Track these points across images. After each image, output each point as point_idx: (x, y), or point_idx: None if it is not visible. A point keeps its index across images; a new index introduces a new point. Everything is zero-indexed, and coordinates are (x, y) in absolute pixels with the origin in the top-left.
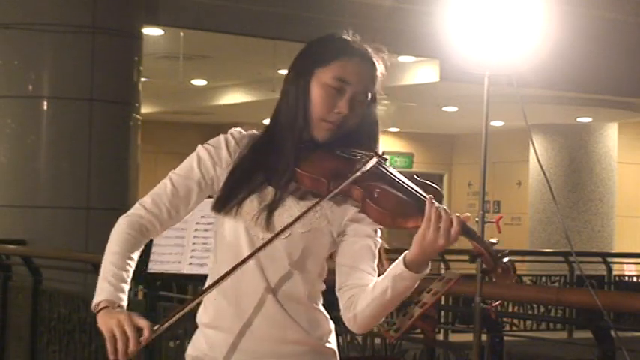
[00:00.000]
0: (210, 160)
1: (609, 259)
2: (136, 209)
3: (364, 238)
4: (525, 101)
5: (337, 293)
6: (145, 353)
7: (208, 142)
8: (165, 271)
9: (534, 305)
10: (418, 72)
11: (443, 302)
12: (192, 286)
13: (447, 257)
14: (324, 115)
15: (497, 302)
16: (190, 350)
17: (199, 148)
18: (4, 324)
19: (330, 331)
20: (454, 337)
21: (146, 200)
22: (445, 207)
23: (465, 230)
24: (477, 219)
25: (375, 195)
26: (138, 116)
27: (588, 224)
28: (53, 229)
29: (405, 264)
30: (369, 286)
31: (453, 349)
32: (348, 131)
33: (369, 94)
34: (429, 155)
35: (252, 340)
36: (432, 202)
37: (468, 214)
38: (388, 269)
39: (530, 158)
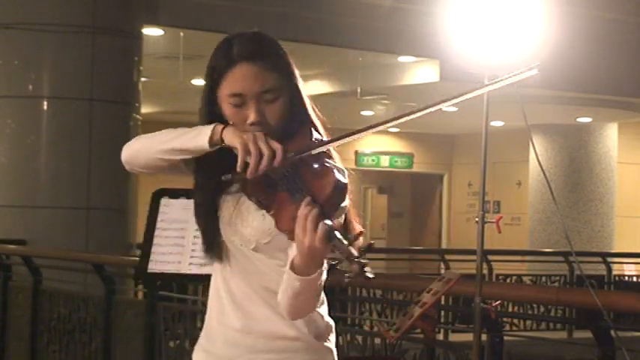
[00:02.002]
0: None
1: (609, 259)
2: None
3: None
4: (525, 101)
5: None
6: (145, 353)
7: None
8: (165, 271)
9: (534, 305)
10: (418, 72)
11: (443, 302)
12: (192, 286)
13: (447, 257)
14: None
15: (497, 302)
16: (196, 348)
17: None
18: (4, 324)
19: (327, 329)
20: (454, 337)
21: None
22: (317, 210)
23: (328, 236)
24: (477, 219)
25: (281, 209)
26: (138, 116)
27: (588, 224)
28: (53, 229)
29: (291, 266)
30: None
31: (453, 349)
32: (281, 125)
33: (274, 87)
34: (429, 155)
35: (248, 336)
36: (308, 204)
37: (340, 221)
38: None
39: (530, 158)
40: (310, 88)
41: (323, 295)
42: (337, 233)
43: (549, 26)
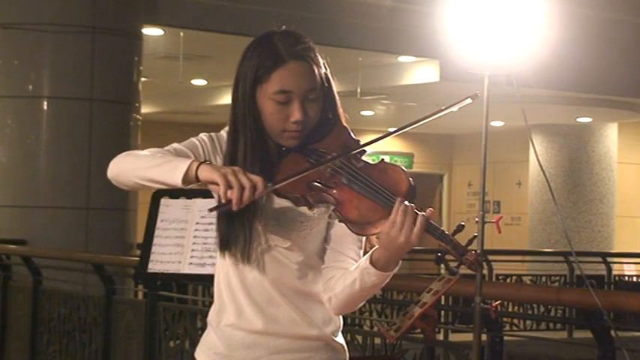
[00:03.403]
0: (212, 145)
1: (609, 259)
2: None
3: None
4: (525, 101)
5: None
6: (145, 353)
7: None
8: (165, 271)
9: (534, 305)
10: (418, 72)
11: (443, 302)
12: (192, 286)
13: (447, 257)
14: (282, 127)
15: (497, 302)
16: (202, 351)
17: (200, 135)
18: (4, 324)
19: (340, 327)
20: (454, 337)
21: (151, 149)
22: (412, 205)
23: (428, 228)
24: (476, 219)
25: (349, 205)
26: (138, 116)
27: (588, 224)
28: (53, 229)
29: (372, 260)
30: (349, 270)
31: (453, 349)
32: (315, 125)
33: (318, 87)
34: (429, 155)
35: (270, 337)
36: (401, 203)
37: (431, 209)
38: (362, 258)
39: (530, 158)
40: None
41: None
42: (436, 224)
43: (549, 26)
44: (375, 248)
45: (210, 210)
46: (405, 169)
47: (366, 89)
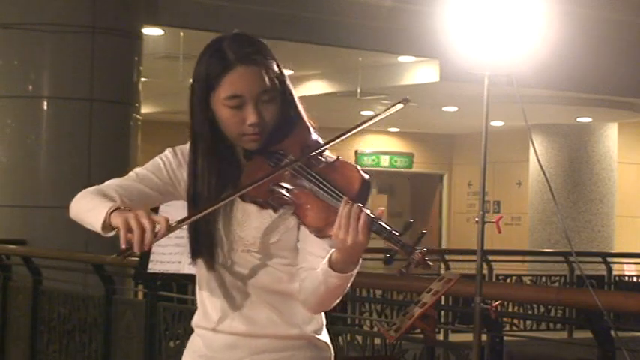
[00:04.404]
0: (176, 161)
1: (609, 259)
2: (101, 185)
3: None
4: (525, 101)
5: None
6: (145, 353)
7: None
8: (165, 271)
9: (534, 305)
10: (418, 72)
11: (443, 302)
12: (191, 286)
13: (447, 257)
14: (240, 131)
15: (497, 302)
16: (187, 354)
17: (165, 151)
18: (4, 324)
19: (323, 325)
20: (454, 337)
21: (113, 181)
22: (359, 205)
23: (374, 228)
24: (476, 219)
25: (306, 208)
26: (138, 116)
27: (588, 224)
28: (53, 229)
29: (330, 263)
30: (315, 271)
31: (453, 349)
32: (276, 124)
33: (270, 88)
34: (429, 155)
35: (252, 338)
36: (346, 204)
37: (382, 209)
38: (325, 260)
39: (530, 158)
40: (310, 88)
41: None
42: (384, 224)
43: (549, 26)
44: (332, 251)
45: (117, 255)
46: (359, 168)
47: (366, 89)
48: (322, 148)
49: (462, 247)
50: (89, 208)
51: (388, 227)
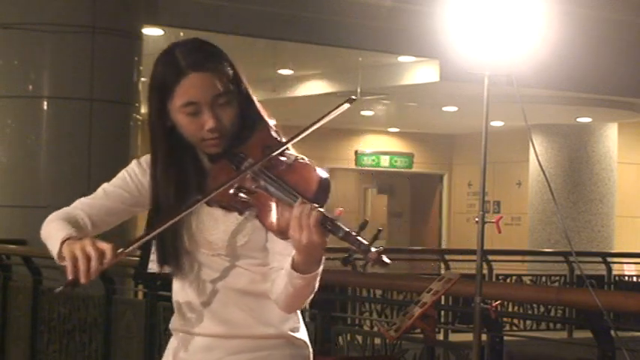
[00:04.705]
0: (141, 171)
1: (609, 259)
2: (69, 207)
3: None
4: (525, 101)
5: None
6: (145, 353)
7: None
8: (165, 271)
9: (534, 305)
10: (418, 72)
11: (443, 302)
12: None
13: (447, 257)
14: (200, 136)
15: (497, 302)
16: (165, 357)
17: (131, 163)
18: (4, 324)
19: (300, 324)
20: (454, 337)
21: (81, 200)
22: (314, 205)
23: (329, 229)
24: (476, 219)
25: (267, 210)
26: (138, 116)
27: (588, 224)
28: None
29: (292, 264)
30: (282, 272)
31: (453, 349)
32: (236, 127)
33: (225, 91)
34: (429, 155)
35: (228, 339)
36: (299, 205)
37: (340, 209)
38: (288, 262)
39: (530, 158)
40: (310, 88)
41: None
42: (339, 224)
43: (549, 26)
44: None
45: (56, 291)
46: (317, 167)
47: (366, 89)
48: (280, 150)
49: (462, 247)
50: (49, 236)
51: (344, 227)
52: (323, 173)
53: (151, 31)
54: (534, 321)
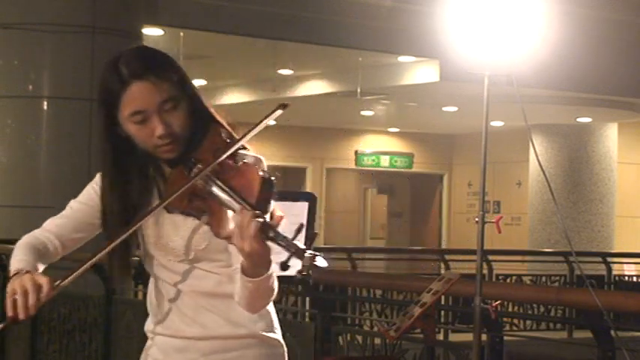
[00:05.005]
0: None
1: (609, 259)
2: (38, 229)
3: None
4: (525, 101)
5: None
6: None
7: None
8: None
9: (534, 305)
10: (418, 72)
11: (443, 302)
12: None
13: (447, 257)
14: (153, 144)
15: (497, 302)
16: (143, 358)
17: (95, 177)
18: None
19: (273, 323)
20: (454, 337)
21: (52, 220)
22: (255, 212)
23: (267, 236)
24: (476, 219)
25: (216, 216)
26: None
27: (588, 224)
28: None
29: (242, 269)
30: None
31: (453, 349)
32: (188, 130)
33: (171, 97)
34: (429, 155)
35: (201, 341)
36: (241, 211)
37: (280, 215)
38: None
39: (530, 158)
40: (310, 88)
41: None
42: (277, 230)
43: (549, 26)
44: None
45: (5, 324)
46: (262, 170)
47: (366, 89)
48: (222, 157)
49: (462, 247)
50: (10, 267)
51: (281, 233)
52: (265, 175)
53: (151, 31)
54: (534, 321)
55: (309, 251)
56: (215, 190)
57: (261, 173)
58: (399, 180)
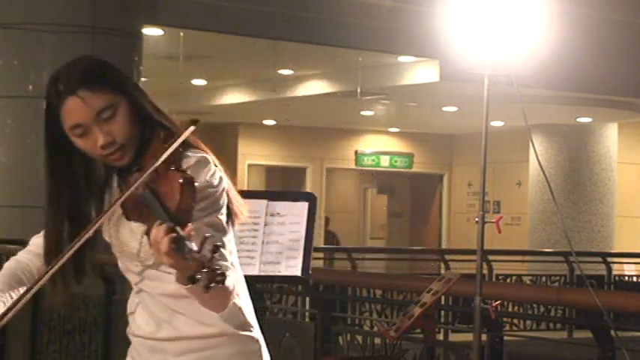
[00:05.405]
0: None
1: (609, 259)
2: (23, 250)
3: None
4: (525, 101)
5: None
6: None
7: None
8: None
9: (534, 305)
10: (418, 72)
11: (443, 302)
12: None
13: (447, 257)
14: (100, 153)
15: (497, 302)
16: (127, 358)
17: None
18: (4, 324)
19: (246, 320)
20: (454, 337)
21: (33, 239)
22: (168, 226)
23: (177, 249)
24: (476, 219)
25: (148, 224)
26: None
27: (588, 224)
28: None
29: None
30: None
31: (453, 349)
32: (132, 135)
33: (107, 105)
34: (429, 155)
35: (173, 342)
36: (157, 226)
37: (190, 227)
38: None
39: (530, 158)
40: (310, 88)
41: (241, 289)
42: (187, 246)
43: (549, 26)
44: None
45: None
46: (182, 172)
47: (366, 89)
48: (148, 173)
49: (462, 247)
50: None
51: (187, 246)
52: (184, 175)
53: (151, 31)
54: (534, 321)
55: (216, 266)
56: (148, 198)
57: (180, 180)
58: (399, 180)
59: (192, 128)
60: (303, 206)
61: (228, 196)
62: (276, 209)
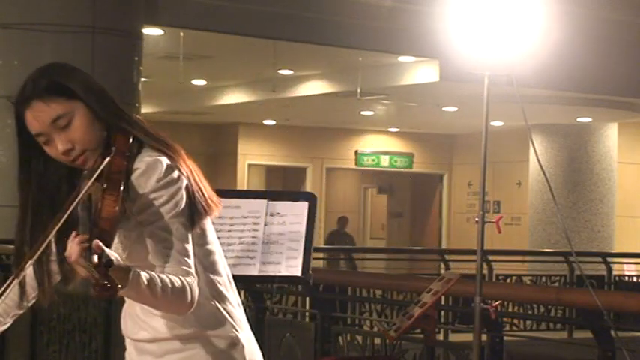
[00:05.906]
0: None
1: (609, 259)
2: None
3: (146, 227)
4: (525, 101)
5: None
6: None
7: None
8: None
9: (534, 305)
10: (418, 72)
11: (443, 302)
12: None
13: (447, 257)
14: (64, 160)
15: (497, 302)
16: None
17: None
18: None
19: (225, 320)
20: (454, 337)
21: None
22: (78, 239)
23: (84, 258)
24: (476, 219)
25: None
26: (138, 116)
27: (588, 224)
28: None
29: None
30: None
31: (453, 349)
32: (94, 139)
33: (62, 113)
34: (429, 155)
35: (154, 343)
36: (73, 238)
37: (96, 241)
38: None
39: (530, 158)
40: (310, 88)
41: (221, 289)
42: (87, 263)
43: (549, 26)
44: None
45: None
46: (105, 190)
47: (366, 89)
48: (89, 184)
49: (462, 247)
50: None
51: (88, 262)
52: (109, 193)
53: (151, 31)
54: (534, 321)
55: (104, 281)
56: (82, 207)
57: (102, 192)
58: (399, 180)
59: (108, 159)
60: (303, 206)
61: (193, 193)
62: (276, 209)
